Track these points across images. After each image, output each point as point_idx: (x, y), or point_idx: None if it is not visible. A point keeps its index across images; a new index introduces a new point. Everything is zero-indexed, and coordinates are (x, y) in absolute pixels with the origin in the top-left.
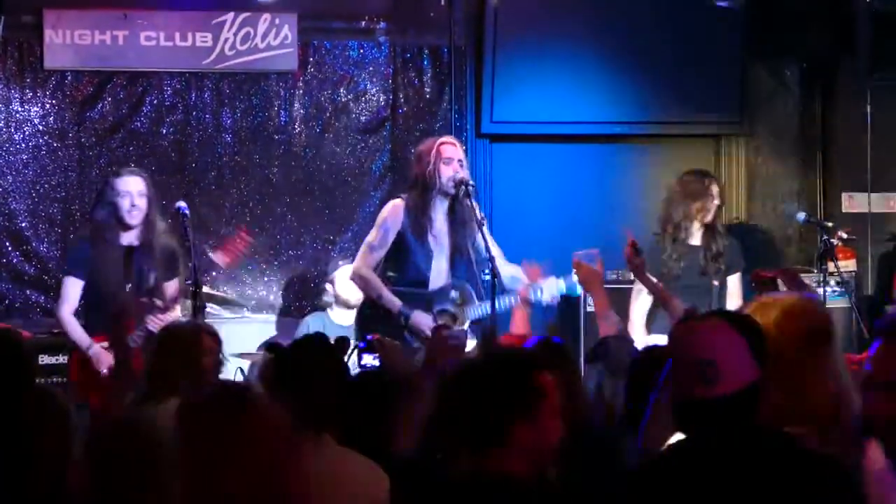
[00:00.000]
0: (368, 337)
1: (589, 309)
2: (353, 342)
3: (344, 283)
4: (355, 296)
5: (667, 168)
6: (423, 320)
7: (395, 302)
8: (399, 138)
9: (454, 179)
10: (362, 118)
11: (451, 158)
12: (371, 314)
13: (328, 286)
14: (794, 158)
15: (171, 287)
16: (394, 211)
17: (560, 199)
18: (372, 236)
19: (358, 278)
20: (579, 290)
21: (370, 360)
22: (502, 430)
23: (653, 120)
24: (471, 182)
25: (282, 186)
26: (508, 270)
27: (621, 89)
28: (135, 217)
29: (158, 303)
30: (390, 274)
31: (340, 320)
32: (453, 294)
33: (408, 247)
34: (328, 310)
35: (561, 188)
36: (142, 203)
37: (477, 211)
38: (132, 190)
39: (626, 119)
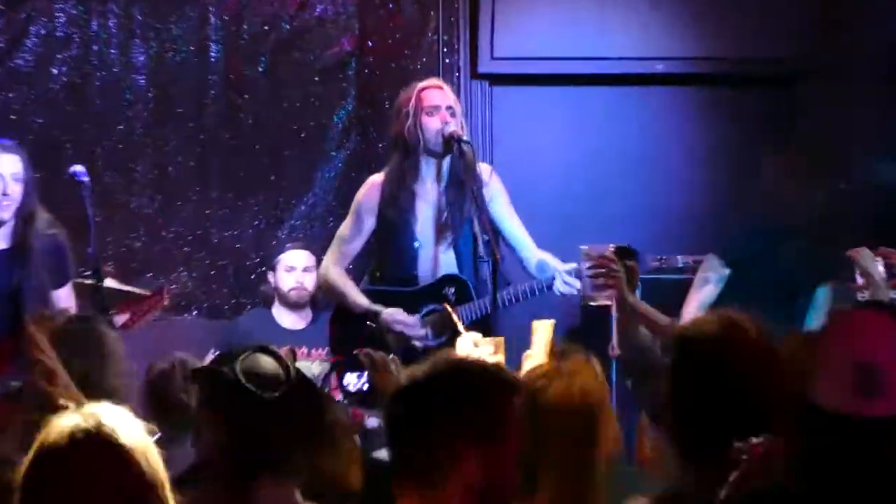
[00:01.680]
0: (355, 352)
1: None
2: (318, 364)
3: (287, 273)
4: (300, 290)
5: (720, 121)
6: (398, 316)
7: (359, 300)
8: (368, 81)
9: (442, 134)
10: (318, 53)
11: (435, 107)
12: (346, 319)
13: (271, 276)
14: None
15: (62, 297)
16: (368, 190)
17: (578, 161)
18: (343, 225)
19: (322, 280)
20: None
21: (354, 379)
22: (444, 463)
23: (702, 55)
24: (465, 137)
25: (211, 145)
26: (535, 256)
27: (660, 15)
28: (5, 210)
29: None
30: (376, 273)
31: (289, 322)
32: (448, 290)
33: (389, 233)
34: (273, 308)
35: (580, 146)
36: (16, 190)
37: (482, 173)
38: (3, 172)
39: (666, 54)
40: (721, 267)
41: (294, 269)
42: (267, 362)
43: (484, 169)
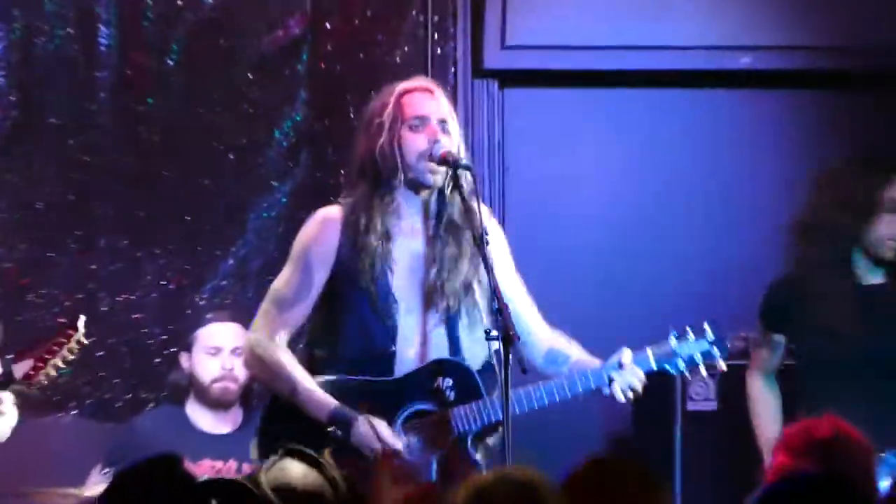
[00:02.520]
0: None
1: (699, 398)
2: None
3: (209, 357)
4: (227, 381)
5: (831, 134)
6: (383, 430)
7: (322, 401)
8: (325, 79)
9: (433, 157)
10: (254, 40)
11: (422, 118)
12: (288, 418)
13: (185, 360)
14: None
15: None
16: (321, 229)
17: (620, 192)
18: (281, 280)
19: (252, 358)
20: (682, 366)
21: None
22: None
23: (807, 44)
24: (463, 161)
25: (99, 172)
26: (544, 340)
27: None
28: None
29: None
30: (318, 352)
31: (209, 424)
32: (443, 381)
33: (350, 296)
34: (186, 405)
35: (622, 171)
36: None
37: (481, 213)
38: None
39: (754, 43)
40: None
41: (219, 352)
42: (299, 471)
43: (484, 212)
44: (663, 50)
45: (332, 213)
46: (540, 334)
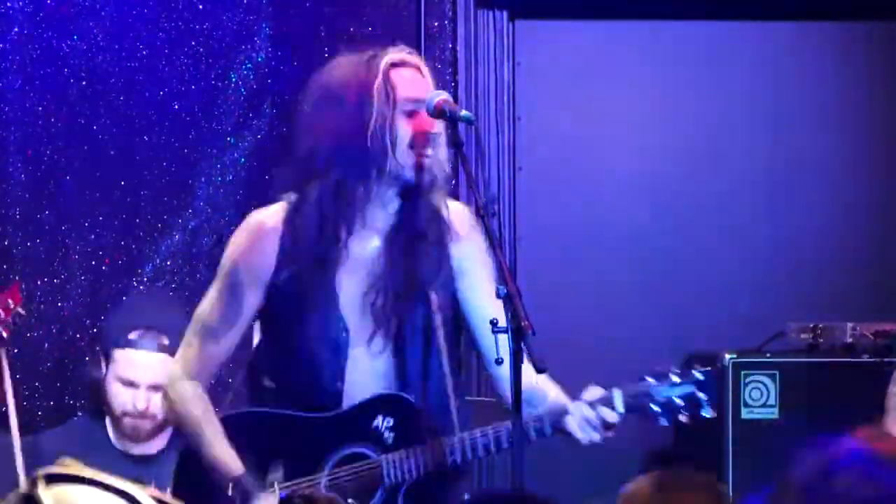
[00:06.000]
0: (282, 495)
1: (755, 404)
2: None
3: (123, 389)
4: (139, 419)
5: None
6: None
7: (219, 454)
8: (292, 7)
9: (430, 106)
10: None
11: (416, 102)
12: (199, 466)
13: (102, 364)
14: None
15: None
16: (252, 243)
17: (646, 135)
18: (205, 306)
19: (165, 398)
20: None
21: None
22: None
23: None
24: (462, 112)
25: (11, 127)
26: (528, 378)
27: None
28: None
29: None
30: (266, 382)
31: (125, 445)
32: (377, 421)
33: (291, 322)
34: (108, 418)
35: (650, 111)
36: None
37: (452, 216)
38: None
39: None
40: None
41: (135, 387)
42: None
43: (459, 213)
44: None
45: (268, 219)
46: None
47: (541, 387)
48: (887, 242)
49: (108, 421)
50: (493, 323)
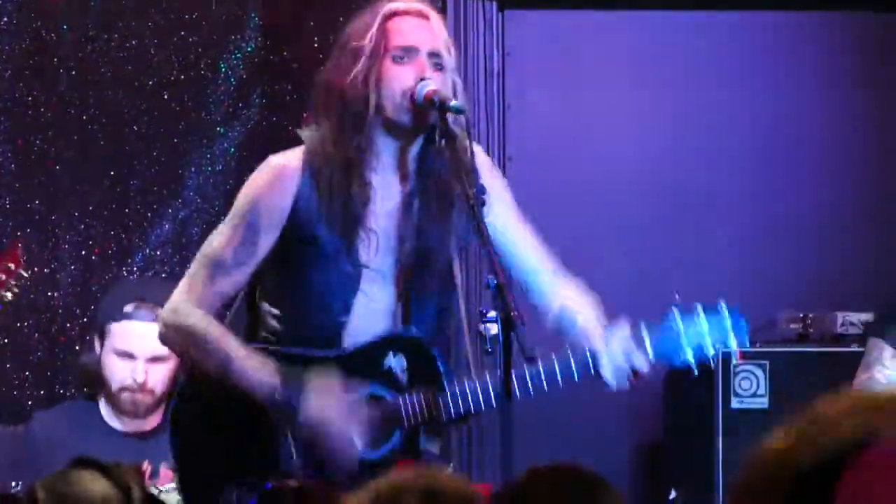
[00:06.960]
0: (267, 485)
1: (745, 394)
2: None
3: (119, 361)
4: (138, 393)
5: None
6: (333, 416)
7: (251, 366)
8: (271, 22)
9: (416, 98)
10: None
11: (411, 50)
12: (209, 405)
13: (96, 345)
14: None
15: None
16: (273, 183)
17: (638, 125)
18: (218, 240)
19: (170, 330)
20: (733, 343)
21: None
22: None
23: None
24: (453, 102)
25: (5, 146)
26: (557, 295)
27: None
28: None
29: None
30: (273, 324)
31: (123, 422)
32: (390, 360)
33: (305, 258)
34: (100, 399)
35: (653, 113)
36: None
37: (476, 168)
38: None
39: None
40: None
41: (131, 358)
42: (89, 482)
43: (480, 154)
44: None
45: (288, 161)
46: (554, 291)
47: (569, 308)
48: (878, 232)
49: (101, 401)
50: (483, 313)
